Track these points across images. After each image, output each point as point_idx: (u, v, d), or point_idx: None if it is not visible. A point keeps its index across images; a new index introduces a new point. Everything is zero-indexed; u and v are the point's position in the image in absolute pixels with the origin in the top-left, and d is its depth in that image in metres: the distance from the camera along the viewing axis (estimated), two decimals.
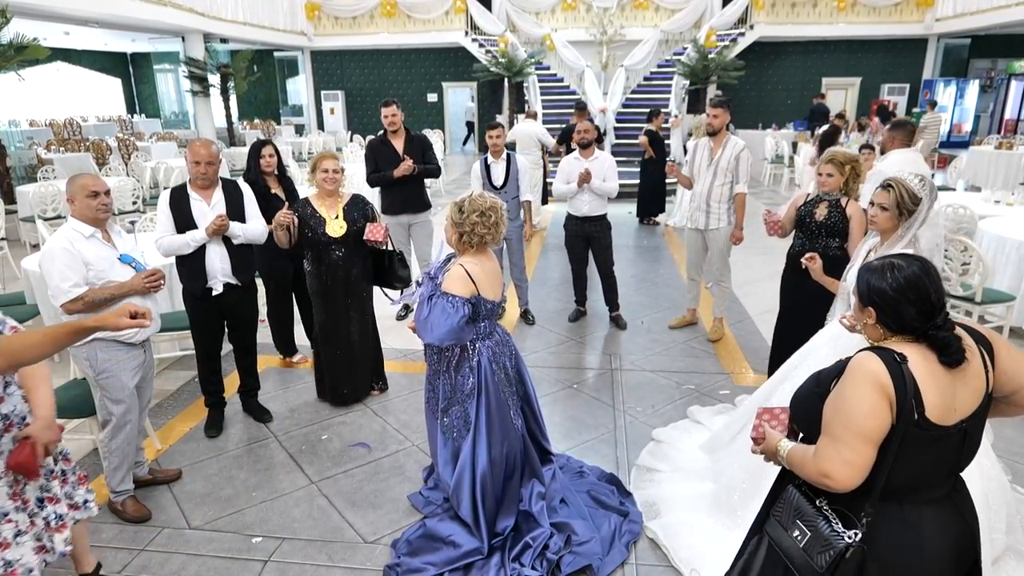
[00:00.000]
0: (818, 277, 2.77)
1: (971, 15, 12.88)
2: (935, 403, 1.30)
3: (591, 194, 4.57)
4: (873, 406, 1.29)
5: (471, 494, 2.44)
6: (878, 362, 1.31)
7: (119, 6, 10.27)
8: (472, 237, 2.35)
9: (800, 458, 1.42)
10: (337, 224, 3.36)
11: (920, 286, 1.33)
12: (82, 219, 2.52)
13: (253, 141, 3.88)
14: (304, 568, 2.44)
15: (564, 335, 4.73)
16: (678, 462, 3.02)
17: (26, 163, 11.41)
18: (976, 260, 4.20)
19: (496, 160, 4.72)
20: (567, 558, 2.37)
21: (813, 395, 1.43)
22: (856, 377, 1.32)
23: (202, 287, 3.09)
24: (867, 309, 1.40)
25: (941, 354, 1.32)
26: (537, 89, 13.89)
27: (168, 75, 20.90)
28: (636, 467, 3.03)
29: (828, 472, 1.32)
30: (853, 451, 1.30)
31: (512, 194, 4.69)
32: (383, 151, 4.60)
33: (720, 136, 4.32)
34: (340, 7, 15.66)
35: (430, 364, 2.51)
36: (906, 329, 1.36)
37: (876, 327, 1.40)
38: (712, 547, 2.41)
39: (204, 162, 3.03)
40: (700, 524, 2.56)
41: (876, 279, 1.38)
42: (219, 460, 3.16)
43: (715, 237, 4.43)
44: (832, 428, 1.34)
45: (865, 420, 1.29)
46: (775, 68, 15.82)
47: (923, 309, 1.33)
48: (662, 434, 3.26)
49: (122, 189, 7.78)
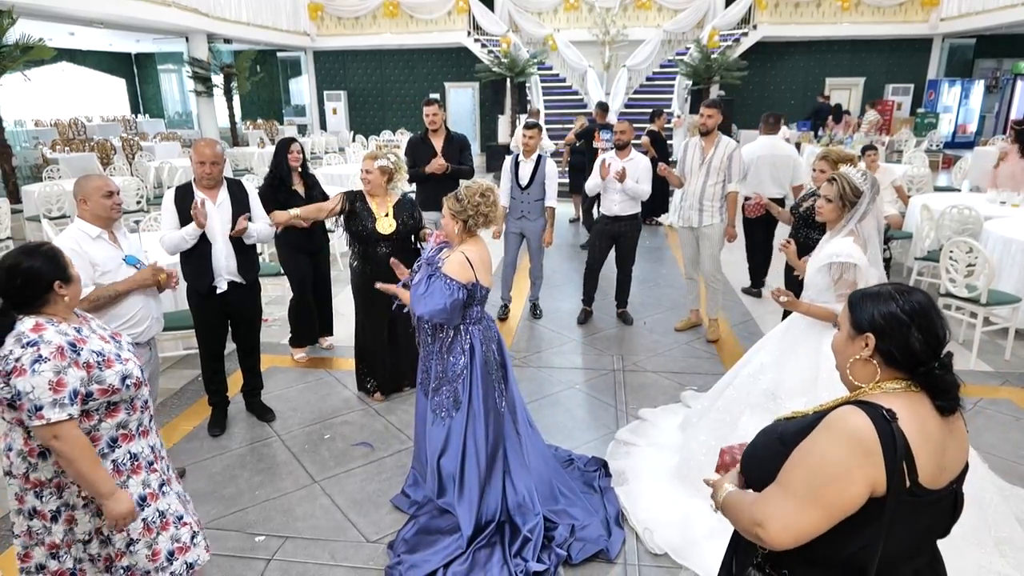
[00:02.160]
0: (791, 261, 2.93)
1: (976, 15, 12.83)
2: (927, 464, 1.13)
3: (622, 194, 4.60)
4: (845, 474, 1.10)
5: (459, 469, 2.51)
6: (864, 419, 1.12)
7: (124, 6, 10.31)
8: (478, 218, 2.46)
9: (736, 502, 1.26)
10: (387, 222, 3.41)
11: (930, 316, 1.17)
12: (93, 220, 2.51)
13: (281, 138, 4.07)
14: (307, 567, 2.44)
15: (567, 335, 4.73)
16: (654, 438, 3.21)
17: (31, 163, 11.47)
18: (981, 261, 4.19)
19: (526, 160, 4.76)
20: (575, 546, 2.45)
21: (774, 454, 1.23)
22: (834, 434, 1.13)
23: (208, 285, 3.11)
24: (864, 336, 1.20)
25: (939, 398, 1.16)
26: (539, 89, 13.90)
27: (172, 75, 20.97)
28: (615, 441, 3.22)
29: (763, 522, 1.15)
30: (802, 514, 1.12)
31: (536, 196, 4.72)
32: (422, 148, 4.68)
33: (712, 136, 4.38)
34: (343, 7, 15.69)
35: (424, 346, 2.60)
36: (910, 362, 1.17)
37: (868, 362, 1.20)
38: (667, 510, 2.64)
39: (209, 162, 3.05)
40: (660, 491, 2.77)
41: (883, 304, 1.20)
42: (222, 459, 3.17)
43: (707, 235, 4.48)
44: (789, 479, 1.16)
45: (830, 486, 1.11)
46: (778, 68, 15.78)
47: (930, 341, 1.17)
48: (648, 413, 3.46)
49: (126, 189, 7.80)
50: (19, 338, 1.66)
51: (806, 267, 2.65)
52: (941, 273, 4.43)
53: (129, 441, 1.83)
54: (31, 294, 1.71)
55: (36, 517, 1.79)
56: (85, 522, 1.80)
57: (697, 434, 2.85)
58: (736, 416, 2.66)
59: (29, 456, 1.76)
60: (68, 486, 1.77)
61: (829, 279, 2.43)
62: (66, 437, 1.65)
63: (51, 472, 1.76)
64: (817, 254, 2.55)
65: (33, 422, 1.63)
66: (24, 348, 1.65)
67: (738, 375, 2.81)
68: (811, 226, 3.44)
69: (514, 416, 2.65)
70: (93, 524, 1.81)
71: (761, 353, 2.77)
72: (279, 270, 4.93)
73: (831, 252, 2.41)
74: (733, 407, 2.71)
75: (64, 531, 1.79)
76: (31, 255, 1.73)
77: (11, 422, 1.74)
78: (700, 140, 4.44)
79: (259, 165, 10.97)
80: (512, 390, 2.68)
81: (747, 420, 2.55)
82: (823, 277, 2.46)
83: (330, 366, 4.24)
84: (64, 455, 1.66)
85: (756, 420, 2.39)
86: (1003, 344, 4.38)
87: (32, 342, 1.65)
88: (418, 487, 2.76)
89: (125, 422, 1.82)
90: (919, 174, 8.11)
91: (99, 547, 1.83)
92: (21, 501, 1.80)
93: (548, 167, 4.76)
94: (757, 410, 2.55)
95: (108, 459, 1.79)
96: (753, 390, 2.64)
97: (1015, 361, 4.24)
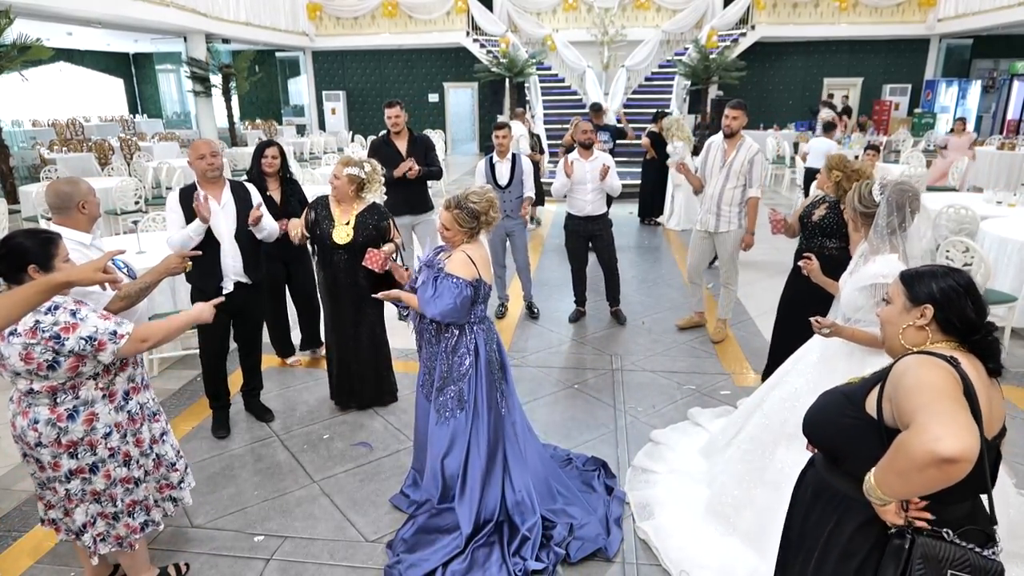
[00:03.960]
0: (816, 278, 2.73)
1: (973, 15, 12.86)
2: (984, 408, 1.23)
3: (594, 194, 4.59)
4: (957, 386, 1.19)
5: (463, 468, 2.52)
6: (938, 360, 1.24)
7: (122, 6, 10.30)
8: (482, 227, 2.50)
9: (888, 460, 1.18)
10: (344, 230, 3.29)
11: (977, 290, 1.35)
12: (86, 225, 2.35)
13: (260, 141, 3.89)
14: (306, 567, 2.45)
15: (565, 335, 4.74)
16: (674, 464, 3.02)
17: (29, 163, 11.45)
18: (978, 261, 4.20)
19: (502, 160, 4.76)
20: (574, 544, 2.47)
21: (840, 410, 1.32)
22: (927, 367, 1.23)
23: (215, 286, 3.10)
24: (921, 308, 1.34)
25: (990, 361, 1.31)
26: (538, 89, 13.90)
27: (170, 75, 20.95)
28: (632, 468, 3.04)
29: (939, 436, 1.06)
30: (961, 415, 1.11)
31: (516, 194, 4.73)
32: (386, 151, 4.60)
33: (735, 138, 4.23)
34: (341, 8, 15.68)
35: (427, 348, 2.61)
36: (967, 328, 1.32)
37: (923, 330, 1.35)
38: (703, 550, 2.42)
39: (208, 153, 3.03)
40: (692, 527, 2.56)
41: (940, 280, 1.35)
42: (221, 459, 3.17)
43: (725, 240, 4.39)
44: (923, 402, 1.15)
45: (956, 391, 1.17)
46: (776, 68, 15.81)
47: (979, 311, 1.33)
48: (660, 435, 3.26)
49: (124, 189, 7.80)
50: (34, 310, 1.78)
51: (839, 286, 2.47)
52: None
53: (137, 393, 2.14)
54: (8, 267, 1.86)
55: (75, 476, 2.02)
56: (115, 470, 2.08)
57: (728, 465, 2.64)
58: (770, 446, 2.45)
59: (58, 422, 1.94)
60: (98, 442, 2.01)
61: (872, 300, 2.21)
62: (147, 333, 1.97)
63: (81, 431, 1.98)
64: (855, 271, 2.35)
65: (120, 344, 1.89)
66: (48, 313, 1.83)
67: (767, 399, 2.59)
68: (827, 235, 3.24)
69: (512, 416, 2.66)
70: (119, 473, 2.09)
71: (795, 377, 2.52)
72: None
73: (876, 272, 2.19)
74: (766, 436, 2.49)
75: (105, 483, 2.06)
76: (30, 235, 1.89)
77: (42, 391, 1.92)
78: (723, 142, 4.28)
79: None
80: (512, 390, 2.69)
81: (783, 454, 2.36)
82: (866, 298, 2.24)
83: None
84: (159, 340, 2.02)
85: (794, 453, 2.20)
86: (1000, 343, 4.39)
87: (52, 307, 1.84)
88: (417, 488, 2.76)
89: (132, 375, 2.11)
90: (916, 174, 8.13)
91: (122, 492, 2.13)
92: (56, 467, 1.99)
93: (524, 164, 4.79)
94: (795, 440, 2.25)
95: (124, 411, 2.07)
96: (790, 418, 2.39)
97: (1012, 360, 4.25)
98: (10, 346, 1.83)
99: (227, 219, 3.11)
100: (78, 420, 1.96)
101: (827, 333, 2.31)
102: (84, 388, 1.97)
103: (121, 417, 2.07)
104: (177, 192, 3.12)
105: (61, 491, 2.04)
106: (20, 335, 1.82)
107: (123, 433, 2.08)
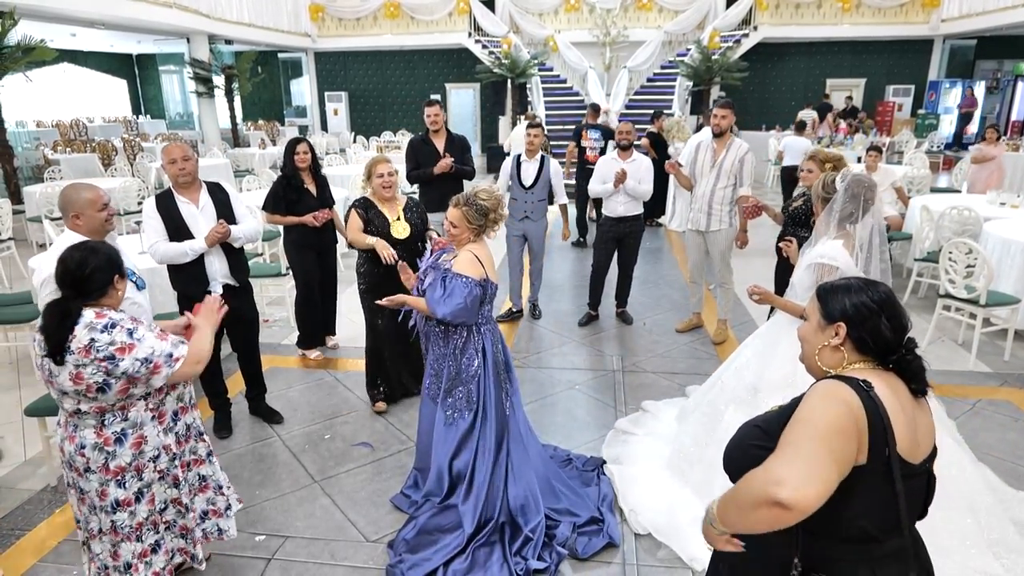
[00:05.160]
0: (793, 259, 2.94)
1: (977, 16, 12.83)
2: (903, 434, 1.16)
3: (626, 195, 4.58)
4: (848, 427, 1.11)
5: (470, 469, 2.53)
6: (846, 387, 1.16)
7: (125, 8, 10.33)
8: (488, 225, 2.53)
9: (734, 490, 1.18)
10: (400, 226, 3.40)
11: (895, 305, 1.24)
12: (89, 233, 2.31)
13: (290, 138, 4.11)
14: (307, 566, 2.45)
15: (566, 336, 4.74)
16: (653, 428, 3.29)
17: (33, 164, 11.50)
18: (981, 262, 4.19)
19: (530, 160, 4.74)
20: (581, 541, 2.48)
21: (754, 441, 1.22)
22: (827, 398, 1.15)
23: (203, 291, 3.06)
24: (834, 325, 1.26)
25: (912, 381, 1.23)
26: (540, 90, 13.91)
27: (173, 76, 21.01)
28: (613, 430, 3.29)
29: (782, 479, 1.05)
30: (818, 464, 1.07)
31: (539, 196, 4.72)
32: (424, 150, 4.66)
33: (724, 138, 4.28)
34: (344, 8, 15.71)
35: (434, 350, 2.60)
36: (881, 348, 1.23)
37: (838, 349, 1.26)
38: (655, 495, 2.71)
39: (180, 158, 2.97)
40: (653, 477, 2.85)
41: (853, 295, 1.26)
42: (222, 459, 3.17)
43: (716, 239, 4.42)
44: (795, 438, 1.12)
45: (837, 437, 1.10)
46: (779, 69, 15.79)
47: (896, 328, 1.23)
48: (650, 404, 3.52)
49: (127, 190, 7.83)
50: (91, 327, 1.73)
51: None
52: (940, 274, 4.43)
53: (185, 413, 2.09)
54: (98, 284, 1.80)
55: (120, 508, 1.90)
56: (162, 492, 2.01)
57: (688, 427, 2.93)
58: (721, 410, 2.73)
59: (105, 445, 1.85)
60: (145, 466, 1.93)
61: (814, 279, 2.44)
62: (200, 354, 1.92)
63: (130, 456, 1.89)
64: (805, 254, 2.59)
65: (175, 368, 1.84)
66: (105, 332, 1.74)
67: (727, 370, 2.89)
68: (799, 224, 3.54)
69: (517, 416, 2.67)
70: (169, 495, 2.03)
71: (747, 349, 2.85)
72: (279, 271, 4.95)
73: (818, 253, 2.44)
74: (719, 401, 2.78)
75: (148, 511, 1.96)
76: (94, 252, 1.82)
77: (89, 411, 1.82)
78: (712, 141, 4.32)
79: (260, 166, 10.98)
80: (516, 390, 2.70)
81: (731, 415, 2.63)
82: (808, 276, 2.48)
83: (331, 366, 4.24)
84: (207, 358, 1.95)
85: (740, 415, 2.44)
86: (1002, 345, 4.38)
87: (110, 324, 1.76)
88: (418, 488, 2.76)
89: (182, 394, 2.06)
90: (919, 175, 8.11)
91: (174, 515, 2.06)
92: (103, 496, 1.88)
93: (553, 166, 4.75)
94: (741, 404, 2.60)
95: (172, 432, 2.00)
96: (738, 385, 2.71)
97: (1014, 362, 4.24)
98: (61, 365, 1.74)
99: (207, 221, 3.07)
100: (126, 444, 1.87)
101: (756, 299, 2.69)
102: (134, 409, 1.88)
103: (169, 439, 1.98)
104: (153, 200, 3.06)
105: (107, 523, 1.91)
106: (73, 353, 1.72)
107: (172, 456, 1.99)
